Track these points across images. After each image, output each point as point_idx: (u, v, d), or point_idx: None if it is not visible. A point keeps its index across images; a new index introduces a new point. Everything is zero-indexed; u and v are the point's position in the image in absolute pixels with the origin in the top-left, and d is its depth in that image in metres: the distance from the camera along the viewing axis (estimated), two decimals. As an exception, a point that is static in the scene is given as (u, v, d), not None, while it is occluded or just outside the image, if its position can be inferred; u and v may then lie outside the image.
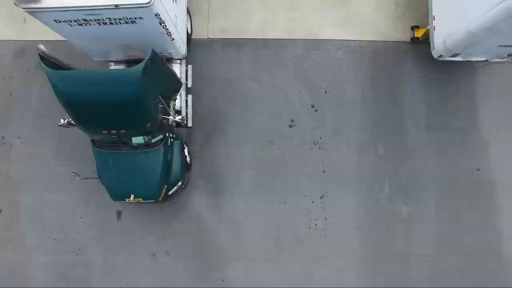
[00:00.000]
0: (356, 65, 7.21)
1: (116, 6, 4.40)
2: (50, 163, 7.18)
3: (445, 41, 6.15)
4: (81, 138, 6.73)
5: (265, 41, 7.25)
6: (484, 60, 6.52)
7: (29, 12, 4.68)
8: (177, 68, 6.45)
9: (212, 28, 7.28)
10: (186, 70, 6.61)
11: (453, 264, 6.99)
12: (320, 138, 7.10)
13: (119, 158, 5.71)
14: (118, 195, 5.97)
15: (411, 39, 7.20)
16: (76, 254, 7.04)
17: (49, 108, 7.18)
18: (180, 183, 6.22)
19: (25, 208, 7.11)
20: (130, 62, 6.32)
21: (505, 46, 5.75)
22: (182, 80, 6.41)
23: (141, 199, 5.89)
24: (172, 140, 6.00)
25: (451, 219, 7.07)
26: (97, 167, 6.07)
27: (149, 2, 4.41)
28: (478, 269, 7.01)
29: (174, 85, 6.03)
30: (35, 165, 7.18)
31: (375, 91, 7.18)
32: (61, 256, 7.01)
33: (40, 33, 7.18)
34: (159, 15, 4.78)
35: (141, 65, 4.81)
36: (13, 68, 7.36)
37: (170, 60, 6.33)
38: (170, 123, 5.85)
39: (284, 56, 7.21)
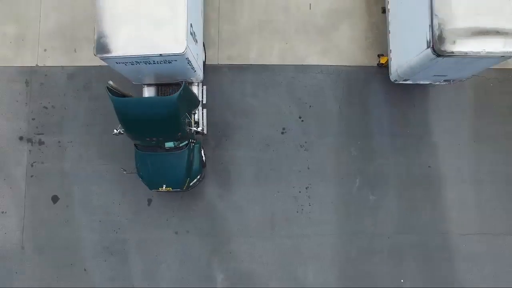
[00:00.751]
0: (334, 85, 9.59)
1: (161, 55, 6.81)
2: (95, 162, 9.60)
3: (397, 70, 8.52)
4: (118, 143, 9.17)
5: (262, 66, 9.65)
6: (429, 83, 8.89)
7: (102, 59, 7.09)
8: (196, 89, 8.84)
9: (221, 56, 9.68)
10: (202, 90, 9.00)
11: (408, 241, 9.34)
12: (306, 142, 9.49)
13: (155, 158, 8.12)
14: (154, 185, 8.37)
15: (377, 64, 9.56)
16: (116, 232, 9.45)
17: (94, 119, 9.64)
18: (198, 176, 8.61)
19: (77, 196, 9.53)
20: (158, 85, 8.74)
21: (437, 75, 8.11)
22: (199, 98, 8.81)
23: (170, 188, 8.29)
24: (193, 144, 8.39)
25: (407, 206, 9.42)
26: (136, 165, 8.48)
27: (183, 52, 6.81)
28: (428, 245, 9.35)
29: (195, 103, 8.44)
30: (83, 163, 9.61)
31: (349, 105, 9.56)
32: (104, 234, 9.42)
33: (86, 61, 9.70)
34: (188, 58, 7.18)
35: (176, 95, 7.21)
36: (66, 87, 9.79)
37: (190, 83, 8.73)
38: (192, 131, 8.25)
39: (278, 78, 9.60)
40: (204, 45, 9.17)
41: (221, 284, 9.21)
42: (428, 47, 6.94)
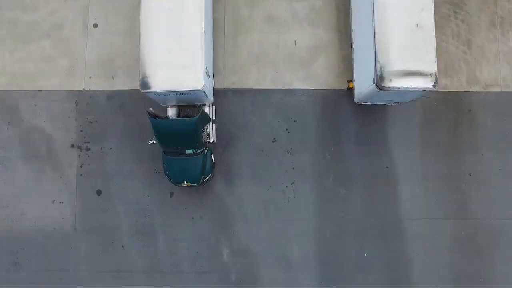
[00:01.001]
0: (313, 104, 12.59)
1: (186, 90, 9.84)
2: (129, 163, 12.60)
3: (359, 94, 11.53)
4: (146, 150, 12.14)
5: (258, 90, 12.66)
6: (384, 104, 11.90)
7: (144, 93, 10.12)
8: (207, 109, 11.83)
9: (226, 82, 12.70)
10: (212, 110, 12.00)
11: (370, 224, 12.35)
12: (291, 148, 12.50)
13: (179, 161, 11.21)
14: (177, 181, 11.42)
15: (347, 88, 12.55)
16: (146, 218, 12.48)
17: (128, 131, 12.65)
18: (210, 175, 11.64)
19: (115, 190, 12.55)
20: (179, 106, 11.72)
21: (387, 100, 11.12)
22: (210, 116, 11.82)
23: (189, 183, 11.33)
24: (206, 151, 11.42)
25: (370, 197, 12.42)
26: (164, 166, 11.52)
27: (201, 88, 9.84)
28: (385, 228, 12.35)
29: (207, 120, 11.46)
30: (120, 165, 12.63)
31: (324, 120, 12.56)
32: (137, 219, 12.44)
33: (121, 85, 12.73)
34: (203, 90, 10.21)
35: (196, 118, 10.26)
36: (106, 106, 12.81)
37: (203, 105, 11.74)
38: (205, 141, 11.28)
39: (270, 99, 12.61)
40: (213, 76, 12.18)
41: (227, 256, 12.24)
42: (373, 83, 9.94)
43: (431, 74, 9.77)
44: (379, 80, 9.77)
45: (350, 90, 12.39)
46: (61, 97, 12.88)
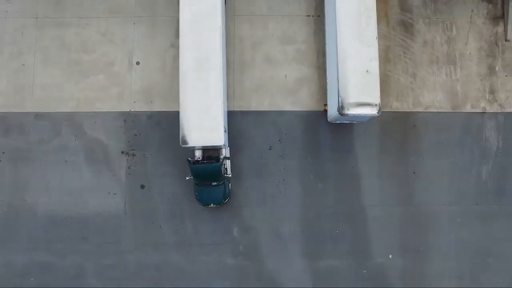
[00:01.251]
0: (299, 122, 17.41)
1: (212, 145, 14.73)
2: (165, 166, 17.36)
3: (330, 115, 16.34)
4: (179, 156, 16.86)
5: (258, 111, 17.46)
6: (349, 122, 16.73)
7: (183, 147, 14.99)
8: (224, 150, 16.13)
9: (235, 105, 17.49)
10: (227, 150, 16.41)
11: (341, 209, 17.14)
12: (283, 154, 17.30)
13: (207, 190, 16.09)
14: (206, 204, 16.35)
15: (323, 110, 17.35)
16: (177, 205, 17.23)
17: (163, 142, 17.40)
18: (228, 198, 16.51)
19: (154, 185, 17.32)
20: (204, 149, 16.06)
21: (350, 120, 15.94)
22: (226, 155, 16.20)
23: (214, 205, 16.31)
24: (225, 181, 16.22)
25: (340, 190, 17.21)
26: (195, 193, 16.41)
27: (222, 144, 14.84)
28: (353, 212, 17.14)
29: (227, 159, 16.27)
30: (157, 167, 17.35)
31: (307, 134, 17.37)
32: (170, 206, 17.20)
33: (158, 108, 17.51)
34: (224, 144, 15.04)
35: (220, 162, 15.29)
36: (146, 123, 17.58)
37: (221, 148, 16.12)
38: (224, 175, 16.07)
39: (267, 118, 17.41)
40: (228, 130, 16.72)
41: (236, 233, 17.02)
42: (337, 110, 14.75)
43: (376, 105, 14.55)
44: (340, 108, 14.57)
45: (325, 112, 17.21)
46: (113, 117, 17.69)
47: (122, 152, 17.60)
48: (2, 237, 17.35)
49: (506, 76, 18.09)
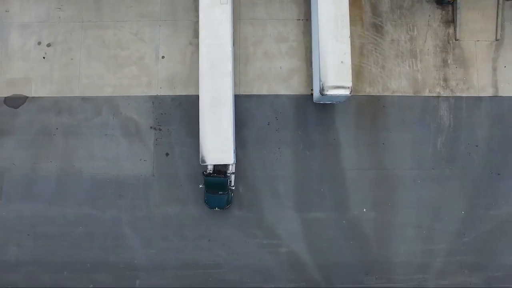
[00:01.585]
0: (291, 103, 22.32)
1: (224, 164, 20.09)
2: (187, 138, 22.20)
3: (315, 97, 21.29)
4: (194, 130, 21.74)
5: (259, 95, 22.38)
6: (330, 103, 21.65)
7: (202, 165, 20.59)
8: (230, 167, 21.05)
9: (241, 91, 22.39)
10: (234, 167, 21.22)
11: (324, 172, 21.95)
12: (278, 127, 22.18)
13: (214, 196, 21.09)
14: (212, 207, 21.25)
15: (310, 94, 22.28)
16: (193, 169, 22.08)
17: (182, 119, 22.25)
18: (230, 204, 21.36)
19: (177, 153, 22.12)
20: (215, 164, 21.00)
21: (331, 101, 20.87)
22: (232, 170, 21.00)
23: (218, 208, 21.28)
24: (229, 191, 21.12)
25: (323, 156, 22.04)
26: (205, 198, 21.32)
27: (233, 163, 20.35)
28: (333, 174, 21.96)
29: (232, 174, 21.19)
30: (180, 138, 22.21)
31: (297, 112, 22.27)
32: (188, 169, 22.01)
33: (179, 92, 22.46)
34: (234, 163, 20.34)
35: (227, 178, 20.47)
36: (171, 104, 22.48)
37: (229, 164, 21.03)
38: (229, 187, 20.97)
39: (265, 100, 22.34)
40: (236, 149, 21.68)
41: (242, 190, 21.80)
42: (319, 92, 19.67)
43: (348, 87, 19.44)
44: (321, 90, 19.47)
45: (312, 95, 22.12)
46: (144, 99, 22.61)
47: (151, 127, 22.48)
48: (56, 195, 22.18)
49: (456, 67, 23.01)
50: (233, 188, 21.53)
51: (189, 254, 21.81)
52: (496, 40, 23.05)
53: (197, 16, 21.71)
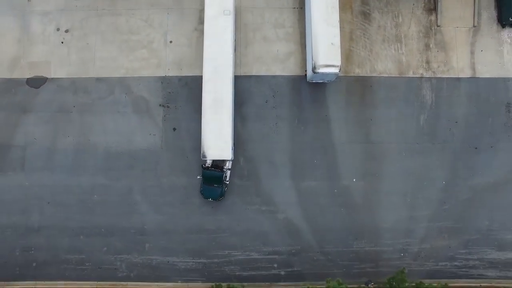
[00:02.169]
0: (287, 82, 25.27)
1: (222, 159, 23.32)
2: (192, 113, 25.05)
3: (308, 76, 24.21)
4: (199, 107, 24.63)
5: (257, 76, 25.29)
6: (322, 81, 24.57)
7: (203, 159, 23.42)
8: (227, 163, 23.81)
9: (241, 72, 25.30)
10: (231, 163, 24.08)
11: (318, 145, 24.79)
12: (275, 105, 25.08)
13: (210, 188, 23.84)
14: (207, 198, 24.05)
15: (304, 74, 25.19)
16: (199, 142, 24.95)
17: (188, 98, 25.14)
18: (223, 197, 24.06)
19: (183, 128, 24.99)
20: (214, 160, 23.85)
21: (322, 79, 23.80)
22: (228, 166, 23.78)
23: (212, 199, 24.06)
24: (223, 185, 23.83)
25: (317, 130, 24.90)
26: (201, 189, 24.10)
27: (231, 159, 23.25)
28: (326, 146, 24.80)
29: (228, 170, 24.07)
30: (185, 114, 25.07)
31: (292, 90, 25.20)
32: (193, 142, 24.79)
33: (186, 73, 25.40)
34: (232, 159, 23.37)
35: (223, 173, 23.32)
36: (177, 84, 25.39)
37: (227, 161, 23.85)
38: (224, 181, 23.77)
39: (264, 80, 25.30)
40: (234, 145, 24.62)
41: (242, 162, 24.61)
42: (312, 70, 22.58)
43: (337, 66, 22.34)
44: (313, 68, 22.37)
45: (305, 75, 25.02)
46: (153, 80, 25.52)
47: (160, 105, 25.37)
48: (73, 166, 25.02)
49: (437, 51, 25.92)
50: (227, 182, 24.08)
51: (194, 220, 24.59)
52: (474, 26, 25.98)
53: (202, 5, 24.68)
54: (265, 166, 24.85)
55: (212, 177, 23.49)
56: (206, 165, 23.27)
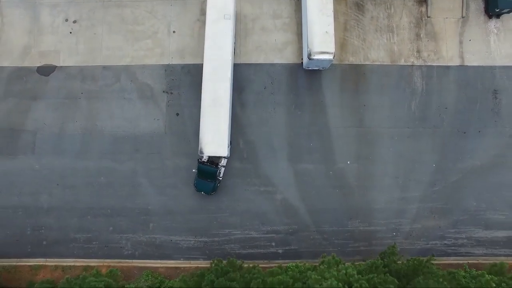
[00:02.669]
0: (285, 70, 27.10)
1: (219, 156, 25.05)
2: (193, 99, 26.88)
3: (305, 63, 26.04)
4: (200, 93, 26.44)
5: (256, 64, 27.13)
6: (317, 69, 26.40)
7: (200, 155, 25.12)
8: (224, 160, 25.58)
9: (240, 60, 27.13)
10: (226, 161, 25.87)
11: (313, 129, 26.59)
12: (273, 92, 26.91)
13: (203, 182, 25.55)
14: (199, 191, 25.77)
15: (301, 62, 27.01)
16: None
17: (192, 85, 26.96)
18: (214, 191, 25.76)
19: (185, 113, 26.83)
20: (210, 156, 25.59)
21: (317, 66, 25.63)
22: (223, 164, 25.62)
23: (204, 193, 25.80)
24: (216, 181, 25.52)
25: (312, 115, 26.71)
26: (195, 182, 25.84)
27: (227, 156, 24.86)
28: (321, 130, 26.59)
29: (223, 167, 25.79)
30: (187, 101, 26.92)
31: (289, 77, 27.03)
32: (196, 126, 26.64)
33: (188, 61, 27.24)
34: (228, 155, 25.07)
35: (217, 169, 25.10)
36: (180, 71, 27.23)
37: (223, 157, 25.54)
38: (217, 177, 25.51)
39: (262, 68, 27.15)
40: (230, 143, 26.26)
41: (242, 144, 26.40)
42: (307, 56, 24.40)
43: (331, 53, 24.16)
44: (309, 55, 24.18)
45: (302, 63, 26.82)
46: (157, 68, 27.35)
47: (163, 91, 27.18)
48: (81, 150, 26.82)
49: (428, 40, 27.75)
50: (220, 178, 25.68)
51: (196, 200, 26.36)
52: (462, 17, 27.82)
53: (204, -3, 26.54)
54: (264, 149, 26.63)
55: (207, 172, 25.16)
56: (202, 160, 24.85)
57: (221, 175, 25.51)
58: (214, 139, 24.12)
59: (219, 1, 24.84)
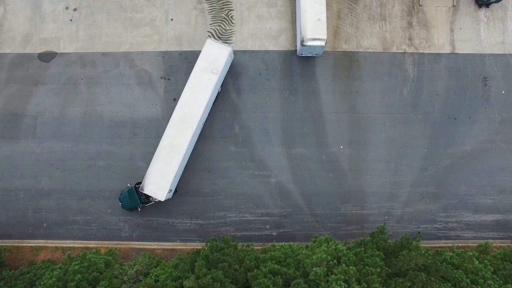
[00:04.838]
0: (279, 56, 29.86)
1: (156, 198, 27.16)
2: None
3: (298, 50, 28.80)
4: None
5: (252, 51, 29.90)
6: (311, 56, 29.15)
7: (141, 191, 27.42)
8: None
9: (238, 47, 29.91)
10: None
11: (307, 115, 29.34)
12: (268, 78, 29.67)
13: (127, 201, 28.51)
14: (122, 206, 28.58)
15: (295, 49, 29.75)
16: (197, 112, 29.52)
17: (188, 70, 29.75)
18: (132, 211, 28.00)
19: (183, 99, 29.63)
20: None
21: (310, 52, 28.38)
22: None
23: (124, 208, 28.64)
24: (139, 207, 28.53)
25: (306, 102, 29.48)
26: (121, 196, 28.72)
27: (164, 199, 27.23)
28: (314, 116, 29.34)
29: (151, 203, 28.72)
30: (184, 86, 29.73)
31: (284, 63, 29.79)
32: (193, 113, 29.44)
33: (185, 48, 30.07)
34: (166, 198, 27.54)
35: (146, 202, 27.43)
36: (178, 58, 30.04)
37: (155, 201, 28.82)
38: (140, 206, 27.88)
39: (258, 55, 29.93)
40: (176, 189, 29.25)
41: (237, 129, 29.13)
42: (300, 43, 27.15)
43: (323, 39, 26.89)
44: (302, 41, 26.92)
45: (296, 51, 29.55)
46: (155, 54, 30.13)
47: (161, 77, 29.95)
48: (80, 134, 29.58)
49: (420, 29, 30.46)
50: (147, 206, 28.00)
51: (192, 183, 29.05)
52: (453, 6, 30.54)
53: (200, -15, 29.33)
54: (259, 134, 29.34)
55: (134, 198, 27.59)
56: (140, 185, 26.75)
57: (148, 204, 27.95)
58: (158, 182, 26.12)
59: (213, 54, 26.83)
